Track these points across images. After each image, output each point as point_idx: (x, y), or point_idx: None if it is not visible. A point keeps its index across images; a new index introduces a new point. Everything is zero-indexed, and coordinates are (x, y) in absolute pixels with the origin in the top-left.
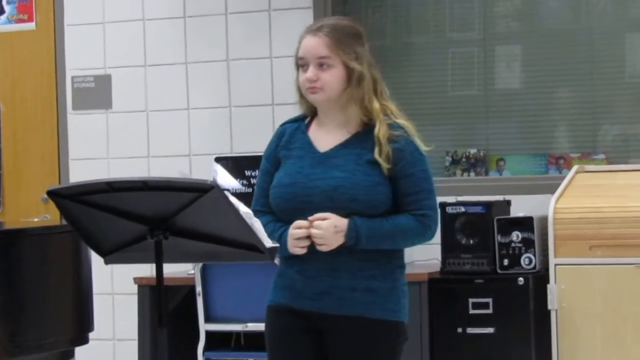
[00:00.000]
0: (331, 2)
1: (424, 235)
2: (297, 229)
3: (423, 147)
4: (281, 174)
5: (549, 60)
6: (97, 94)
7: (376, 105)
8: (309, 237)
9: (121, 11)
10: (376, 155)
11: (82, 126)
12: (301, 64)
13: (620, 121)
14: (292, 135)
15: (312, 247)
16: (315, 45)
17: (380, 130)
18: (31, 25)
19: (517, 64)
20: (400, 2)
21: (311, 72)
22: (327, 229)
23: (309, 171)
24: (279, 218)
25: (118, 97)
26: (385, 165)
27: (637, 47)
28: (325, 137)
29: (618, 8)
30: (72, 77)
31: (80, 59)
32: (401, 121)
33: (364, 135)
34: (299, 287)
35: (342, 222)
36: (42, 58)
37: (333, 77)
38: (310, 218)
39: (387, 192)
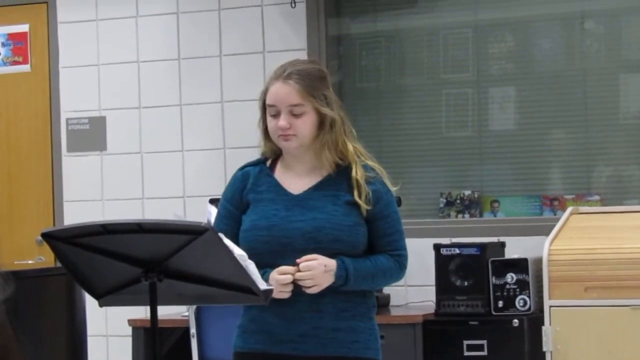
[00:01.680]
0: (325, 44)
1: (399, 275)
2: (282, 274)
3: (392, 188)
4: (254, 217)
5: (543, 102)
6: (92, 136)
7: (350, 147)
8: (293, 281)
9: (116, 53)
10: (356, 197)
11: (76, 168)
12: (271, 112)
13: (614, 162)
14: (257, 178)
15: (294, 290)
16: (286, 92)
17: (358, 172)
18: (26, 68)
19: (511, 105)
20: (394, 44)
21: (284, 120)
22: (318, 268)
23: (285, 213)
24: (256, 260)
25: (113, 139)
26: (365, 207)
27: (631, 89)
28: (294, 180)
29: (611, 49)
30: (67, 119)
31: (75, 101)
32: (371, 163)
33: (338, 177)
34: (277, 331)
35: (331, 262)
36: (37, 100)
37: (306, 124)
38: (298, 260)
39: (365, 232)
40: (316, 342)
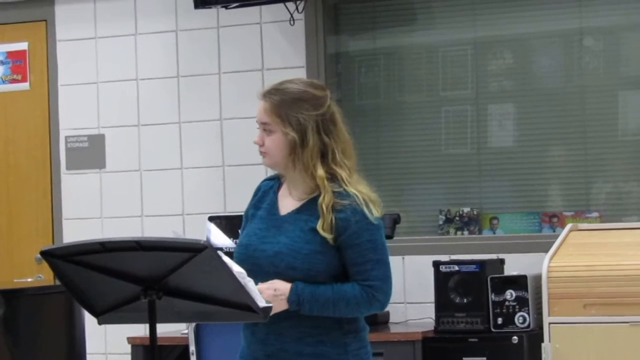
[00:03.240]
0: (324, 61)
1: (370, 306)
2: None
3: (375, 214)
4: (243, 233)
5: (542, 119)
6: (91, 153)
7: (320, 172)
8: None
9: (115, 71)
10: (318, 227)
11: (75, 186)
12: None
13: (613, 179)
14: (264, 194)
15: None
16: (260, 109)
17: (325, 199)
18: (25, 86)
19: (510, 122)
20: (393, 61)
21: (257, 136)
22: (265, 292)
23: (264, 233)
24: None
25: (111, 156)
26: (327, 236)
27: (630, 105)
28: (286, 201)
29: (610, 66)
30: (66, 137)
31: (74, 118)
32: (352, 189)
33: (313, 202)
34: (253, 348)
35: (284, 287)
36: (36, 118)
37: (274, 143)
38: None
39: (327, 260)
40: None
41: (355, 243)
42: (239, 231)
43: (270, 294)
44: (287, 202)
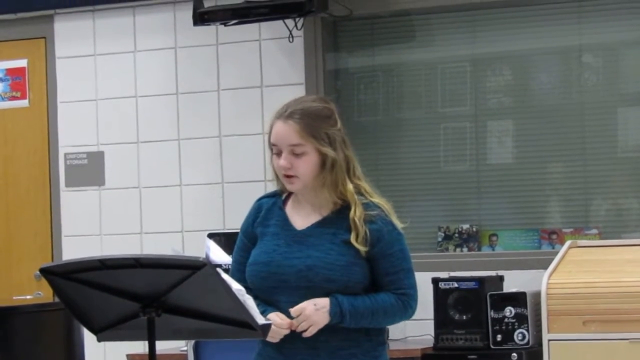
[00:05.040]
0: (323, 78)
1: (405, 314)
2: (282, 324)
3: (399, 225)
4: (257, 251)
5: (541, 135)
6: (90, 170)
7: (350, 187)
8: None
9: (114, 88)
10: (352, 240)
11: (74, 203)
12: (275, 151)
13: (612, 196)
14: (268, 211)
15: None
16: (286, 132)
17: (356, 213)
18: (24, 103)
19: (509, 139)
20: (392, 78)
21: (285, 160)
22: (308, 307)
23: (285, 249)
24: (256, 295)
25: (111, 173)
26: (362, 249)
27: (629, 122)
28: (302, 215)
29: (609, 83)
30: (65, 154)
31: (73, 136)
32: (376, 200)
33: (340, 215)
34: None
35: (322, 300)
36: (35, 135)
37: (307, 164)
38: (292, 312)
39: (362, 271)
40: None
41: (388, 253)
42: (236, 250)
43: (311, 309)
44: (303, 217)
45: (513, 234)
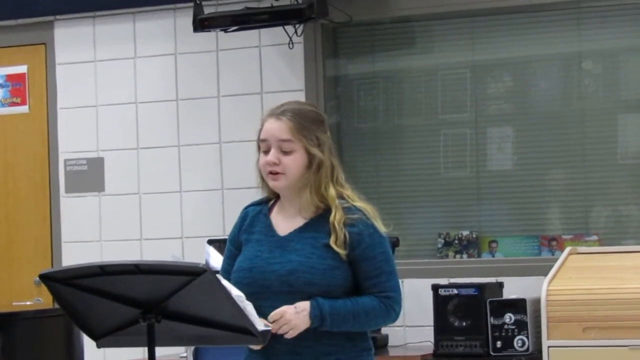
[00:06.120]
0: (323, 85)
1: (388, 317)
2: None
3: (382, 229)
4: (241, 258)
5: (541, 142)
6: (90, 177)
7: (332, 191)
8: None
9: (114, 94)
10: (332, 243)
11: (74, 209)
12: (263, 148)
13: (612, 203)
14: (254, 219)
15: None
16: (277, 128)
17: (336, 216)
18: (24, 109)
19: (509, 145)
20: (392, 84)
21: (272, 155)
22: (287, 311)
23: (267, 255)
24: None
25: (111, 180)
26: (342, 252)
27: (629, 128)
28: (285, 221)
29: (609, 90)
30: (65, 160)
31: (73, 142)
32: (359, 204)
33: (321, 219)
34: None
35: (303, 303)
36: (35, 141)
37: (294, 162)
38: (270, 316)
39: (344, 275)
40: None
41: (369, 256)
42: (224, 259)
43: (291, 312)
44: (286, 223)
45: (513, 240)
